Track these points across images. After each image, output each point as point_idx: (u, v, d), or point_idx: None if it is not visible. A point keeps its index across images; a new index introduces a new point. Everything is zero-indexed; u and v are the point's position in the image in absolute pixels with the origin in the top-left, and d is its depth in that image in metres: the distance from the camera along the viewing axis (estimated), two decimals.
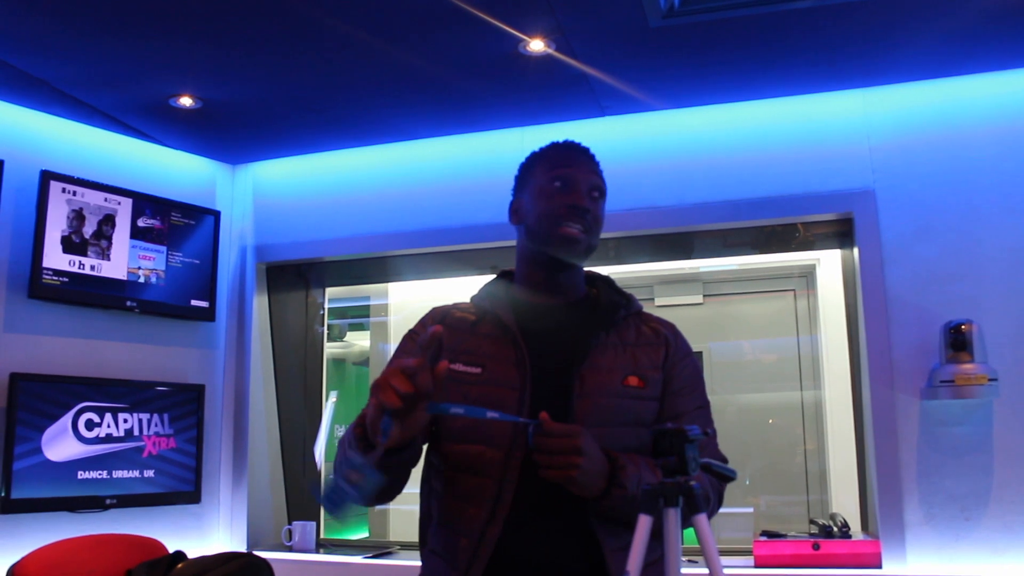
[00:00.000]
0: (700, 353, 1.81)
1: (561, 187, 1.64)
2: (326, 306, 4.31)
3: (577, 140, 1.75)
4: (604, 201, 1.70)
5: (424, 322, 1.73)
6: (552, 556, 1.53)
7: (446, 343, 1.62)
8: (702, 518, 1.33)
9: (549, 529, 1.53)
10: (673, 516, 1.33)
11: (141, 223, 3.63)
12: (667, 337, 1.70)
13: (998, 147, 3.12)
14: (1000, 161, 3.11)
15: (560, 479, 1.43)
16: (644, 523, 1.33)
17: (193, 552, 3.13)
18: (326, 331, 4.32)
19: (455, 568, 1.53)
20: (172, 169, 3.88)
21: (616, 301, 1.70)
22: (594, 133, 3.50)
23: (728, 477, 1.47)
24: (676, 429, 1.34)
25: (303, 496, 4.07)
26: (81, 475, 3.34)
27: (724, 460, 1.63)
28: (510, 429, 1.53)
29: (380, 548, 3.76)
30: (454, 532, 1.57)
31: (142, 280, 3.61)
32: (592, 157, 1.72)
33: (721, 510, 1.68)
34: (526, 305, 1.68)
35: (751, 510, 3.67)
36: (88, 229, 3.45)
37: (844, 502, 3.55)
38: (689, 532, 1.38)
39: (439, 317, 1.71)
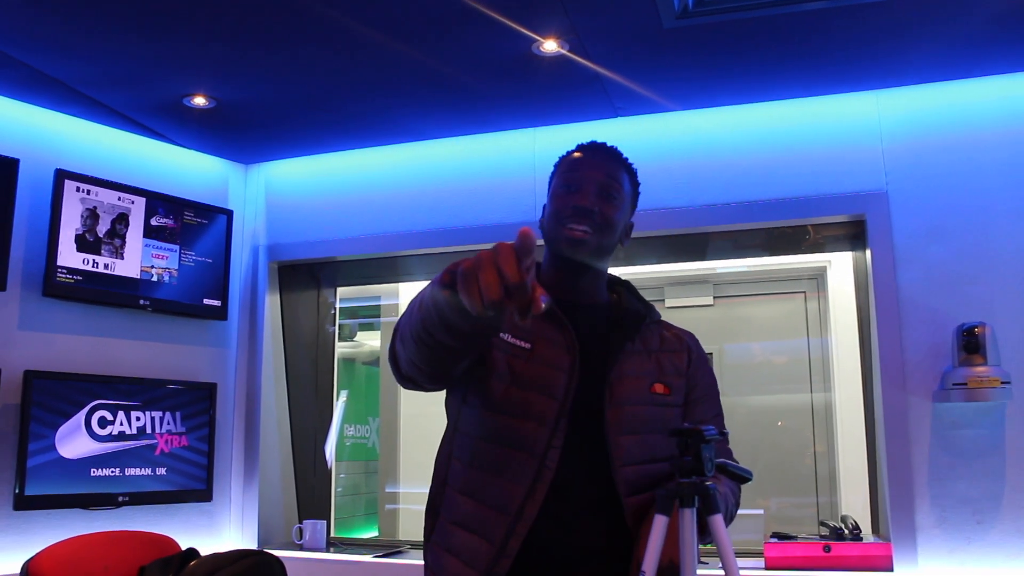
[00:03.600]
0: (711, 355, 1.82)
1: (570, 189, 1.64)
2: (337, 306, 4.32)
3: (599, 140, 1.75)
4: (620, 200, 1.66)
5: None
6: (580, 539, 1.52)
7: None
8: (718, 519, 1.34)
9: (582, 513, 1.52)
10: (688, 516, 1.33)
11: (154, 222, 3.65)
12: (688, 344, 1.72)
13: (1011, 149, 3.11)
14: (1013, 163, 3.10)
15: None
16: (659, 523, 1.34)
17: (205, 550, 3.14)
18: (337, 330, 4.33)
19: (490, 541, 1.49)
20: (185, 168, 3.90)
21: (638, 310, 1.70)
22: (607, 134, 3.45)
23: (744, 478, 1.47)
24: (693, 429, 1.34)
25: (314, 495, 4.09)
26: (94, 472, 3.35)
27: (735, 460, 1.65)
28: (556, 407, 1.52)
29: (390, 547, 3.76)
30: (481, 503, 1.53)
31: (155, 279, 3.63)
32: (608, 156, 1.70)
33: None
34: (560, 302, 1.64)
35: (761, 512, 3.66)
36: (102, 228, 3.47)
37: (853, 504, 3.54)
38: None
39: None
